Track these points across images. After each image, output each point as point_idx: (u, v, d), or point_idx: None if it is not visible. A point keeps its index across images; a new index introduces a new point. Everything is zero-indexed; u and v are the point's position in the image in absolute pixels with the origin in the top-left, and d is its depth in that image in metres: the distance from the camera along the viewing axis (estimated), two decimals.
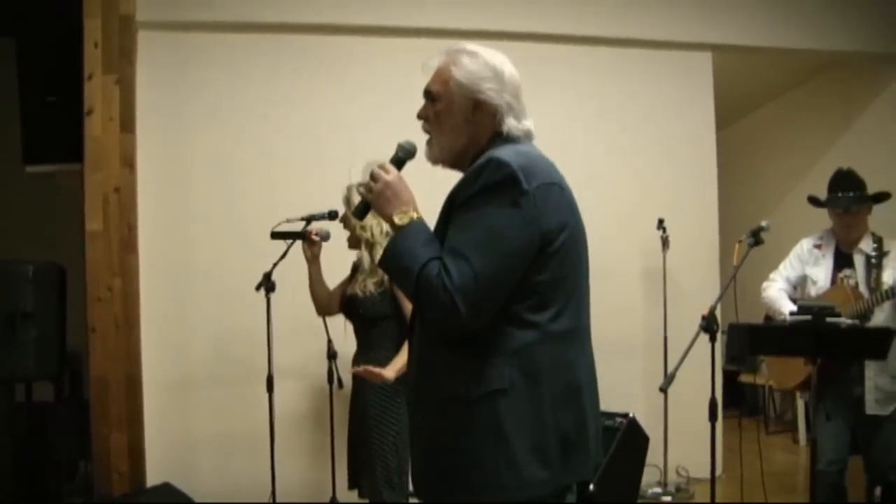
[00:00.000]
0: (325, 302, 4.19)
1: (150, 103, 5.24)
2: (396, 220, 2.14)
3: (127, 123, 4.97)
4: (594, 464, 2.21)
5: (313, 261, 4.13)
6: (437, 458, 2.16)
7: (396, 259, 2.12)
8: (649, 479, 5.53)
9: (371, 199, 2.22)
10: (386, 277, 3.75)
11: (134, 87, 5.06)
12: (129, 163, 4.97)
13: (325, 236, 4.13)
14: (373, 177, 2.21)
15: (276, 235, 4.33)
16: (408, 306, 3.64)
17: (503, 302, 2.04)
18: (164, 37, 5.38)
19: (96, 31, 4.89)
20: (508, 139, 2.21)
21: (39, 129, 5.09)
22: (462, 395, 2.07)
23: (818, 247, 4.57)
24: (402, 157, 2.30)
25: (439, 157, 2.29)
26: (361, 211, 2.32)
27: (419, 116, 2.31)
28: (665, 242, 5.77)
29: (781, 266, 4.70)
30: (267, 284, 4.57)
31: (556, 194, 2.11)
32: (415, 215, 2.15)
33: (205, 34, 5.44)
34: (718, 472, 5.45)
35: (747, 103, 8.56)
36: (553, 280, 2.08)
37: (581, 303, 2.22)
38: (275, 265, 4.51)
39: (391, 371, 3.68)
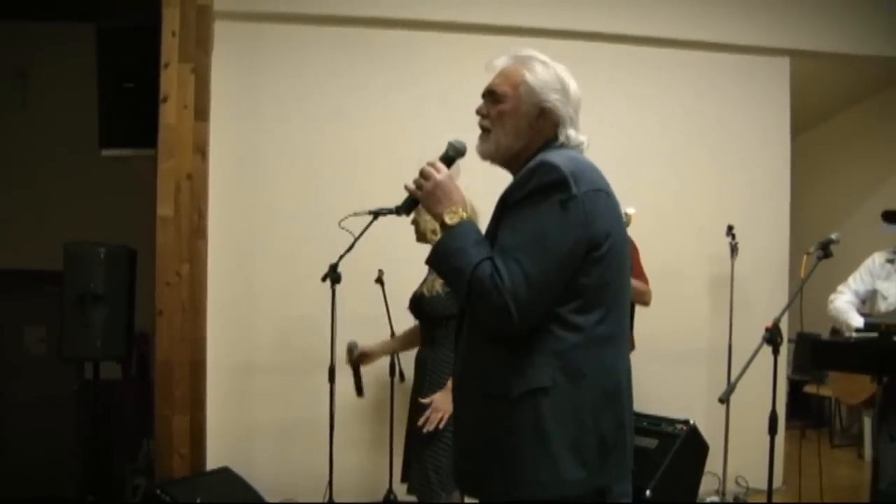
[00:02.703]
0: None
1: (224, 92, 5.31)
2: (447, 219, 2.17)
3: (201, 111, 5.04)
4: (629, 467, 2.21)
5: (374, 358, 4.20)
6: (477, 453, 2.19)
7: (448, 258, 2.15)
8: (707, 488, 5.45)
9: (421, 197, 2.25)
10: None
11: (209, 76, 5.13)
12: (201, 150, 5.05)
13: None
14: (423, 174, 2.24)
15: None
16: None
17: (550, 304, 2.06)
18: (240, 27, 5.44)
19: (174, 21, 4.98)
20: (563, 146, 2.24)
21: (116, 115, 5.19)
22: (504, 393, 2.09)
23: (891, 262, 4.46)
24: (453, 155, 2.33)
25: (493, 153, 2.30)
26: (408, 206, 2.33)
27: (479, 112, 2.32)
28: (734, 249, 5.67)
29: (851, 279, 4.60)
30: (333, 276, 4.62)
31: (604, 201, 2.13)
32: (465, 215, 2.18)
33: (280, 25, 5.50)
34: (778, 483, 5.40)
35: (823, 110, 8.39)
36: (598, 285, 2.10)
37: (623, 311, 2.23)
38: (341, 257, 4.56)
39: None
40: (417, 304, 3.98)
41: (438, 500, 3.68)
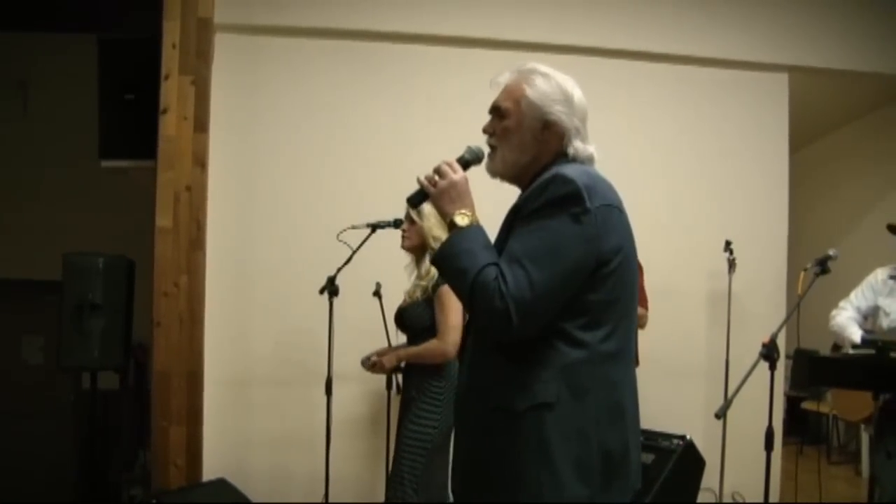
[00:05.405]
0: None
1: (224, 104, 5.31)
2: (457, 219, 2.16)
3: (200, 123, 5.05)
4: (634, 488, 2.19)
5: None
6: (479, 466, 2.18)
7: (454, 258, 2.13)
8: (704, 503, 5.45)
9: (433, 194, 2.23)
10: (430, 286, 3.78)
11: (209, 88, 5.13)
12: (200, 162, 5.05)
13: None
14: (439, 172, 2.23)
15: None
16: (446, 319, 3.68)
17: (554, 315, 2.05)
18: (241, 40, 5.45)
19: (175, 33, 4.99)
20: (574, 160, 2.23)
21: (116, 126, 5.20)
22: (509, 407, 2.09)
23: (894, 278, 4.45)
24: (469, 159, 2.31)
25: (501, 170, 2.30)
26: (417, 199, 2.30)
27: (485, 131, 2.33)
28: (731, 265, 5.66)
29: (853, 294, 4.58)
30: (330, 288, 4.62)
31: (616, 217, 2.13)
32: (476, 220, 2.17)
33: (280, 38, 5.50)
34: (775, 499, 5.38)
35: (822, 126, 8.39)
36: (606, 301, 2.10)
37: (630, 327, 2.22)
38: (339, 270, 4.57)
39: (392, 357, 4.00)
40: (400, 317, 4.00)
41: (410, 499, 3.69)
